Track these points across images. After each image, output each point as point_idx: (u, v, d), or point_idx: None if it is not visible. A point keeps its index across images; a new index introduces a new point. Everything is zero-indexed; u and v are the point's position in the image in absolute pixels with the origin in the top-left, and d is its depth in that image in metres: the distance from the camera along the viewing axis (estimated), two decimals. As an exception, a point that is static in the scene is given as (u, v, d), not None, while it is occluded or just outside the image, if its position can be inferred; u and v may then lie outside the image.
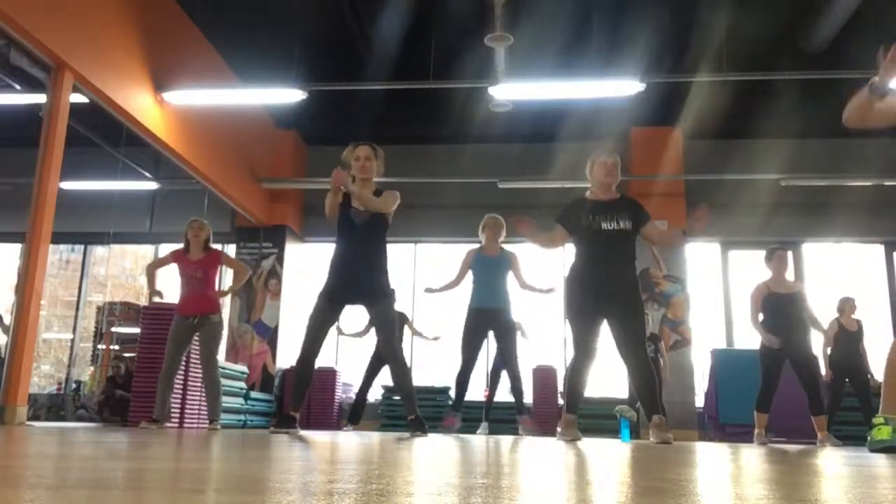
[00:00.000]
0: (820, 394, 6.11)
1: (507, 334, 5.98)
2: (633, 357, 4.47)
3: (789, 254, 6.49)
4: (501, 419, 8.14)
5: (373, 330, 7.90)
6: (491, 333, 6.07)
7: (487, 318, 5.94)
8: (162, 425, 5.67)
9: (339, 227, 4.59)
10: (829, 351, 7.62)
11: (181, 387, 6.65)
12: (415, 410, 4.63)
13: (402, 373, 4.66)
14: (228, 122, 8.91)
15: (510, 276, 6.12)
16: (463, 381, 5.93)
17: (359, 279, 4.51)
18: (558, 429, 4.80)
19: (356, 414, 7.94)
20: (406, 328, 8.10)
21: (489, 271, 6.03)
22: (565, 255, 10.33)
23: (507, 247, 6.28)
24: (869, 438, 3.61)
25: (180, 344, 5.87)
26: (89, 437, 3.16)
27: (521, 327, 7.03)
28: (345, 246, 4.57)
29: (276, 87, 8.15)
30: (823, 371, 7.74)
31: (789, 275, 6.39)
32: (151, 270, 6.03)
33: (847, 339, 7.55)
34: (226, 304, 10.54)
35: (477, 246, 6.21)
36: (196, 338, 6.02)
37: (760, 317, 6.21)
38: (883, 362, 3.59)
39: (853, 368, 7.49)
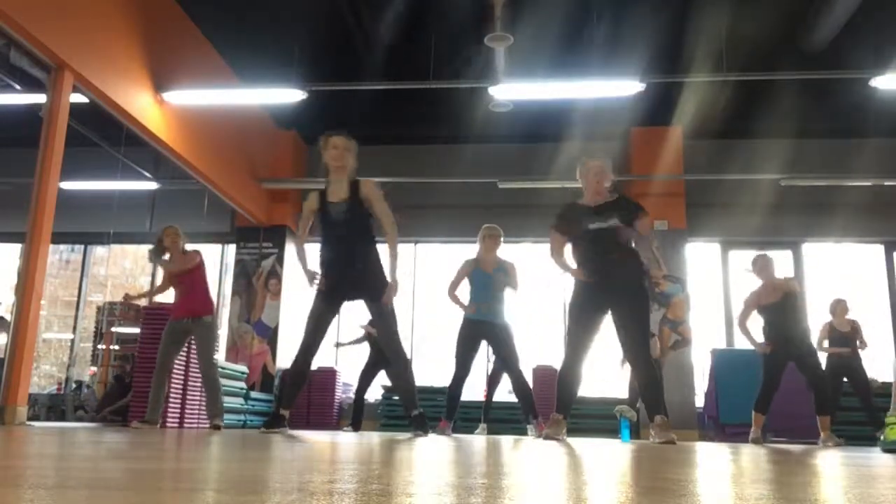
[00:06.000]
0: (826, 391, 6.14)
1: (504, 344, 5.87)
2: (636, 356, 4.47)
3: (772, 259, 6.49)
4: (500, 419, 8.13)
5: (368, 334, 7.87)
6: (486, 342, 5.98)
7: (482, 330, 5.85)
8: (154, 427, 5.64)
9: (321, 226, 4.52)
10: (825, 347, 7.63)
11: (181, 387, 6.65)
12: (416, 406, 4.57)
13: (402, 367, 4.59)
14: (228, 122, 8.90)
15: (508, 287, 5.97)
16: (454, 394, 5.86)
17: (355, 273, 4.43)
18: (544, 428, 4.78)
19: (356, 418, 7.96)
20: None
21: (485, 287, 5.89)
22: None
23: (505, 249, 6.13)
24: (882, 437, 3.60)
25: (172, 345, 5.90)
26: (89, 437, 3.16)
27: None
28: (331, 243, 4.49)
29: (276, 87, 8.14)
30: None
31: (788, 275, 6.42)
32: (152, 297, 6.10)
33: (840, 340, 7.55)
34: (225, 304, 10.54)
35: (473, 257, 6.05)
36: (192, 340, 6.03)
37: (759, 324, 6.32)
38: (880, 362, 3.60)
39: (849, 368, 7.48)
